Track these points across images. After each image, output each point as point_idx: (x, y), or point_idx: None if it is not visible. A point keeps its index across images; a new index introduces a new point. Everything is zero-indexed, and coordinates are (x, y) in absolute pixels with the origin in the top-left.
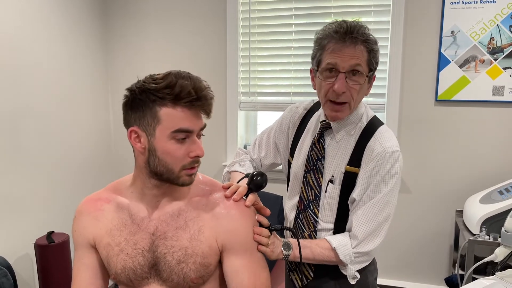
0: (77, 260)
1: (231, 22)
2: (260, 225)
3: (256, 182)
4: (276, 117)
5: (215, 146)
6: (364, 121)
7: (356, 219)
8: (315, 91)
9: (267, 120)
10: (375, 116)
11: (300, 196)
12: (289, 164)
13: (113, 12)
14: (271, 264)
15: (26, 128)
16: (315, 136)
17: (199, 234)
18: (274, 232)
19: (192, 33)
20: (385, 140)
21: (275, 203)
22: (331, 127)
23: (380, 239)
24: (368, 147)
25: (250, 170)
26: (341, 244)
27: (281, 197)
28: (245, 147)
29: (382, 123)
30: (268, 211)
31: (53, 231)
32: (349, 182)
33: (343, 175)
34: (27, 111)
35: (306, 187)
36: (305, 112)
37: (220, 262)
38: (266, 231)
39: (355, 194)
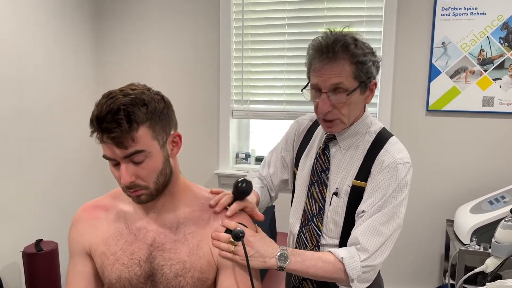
0: (72, 268)
1: (225, 30)
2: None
3: (241, 189)
4: (268, 125)
5: (207, 153)
6: (373, 134)
7: (363, 231)
8: (307, 100)
9: (259, 128)
10: (383, 128)
11: (304, 209)
12: (295, 175)
13: (105, 17)
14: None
15: (15, 133)
16: (320, 147)
17: (198, 249)
18: (263, 241)
19: (185, 40)
20: (396, 151)
21: (267, 212)
22: (336, 138)
23: (388, 251)
24: (378, 158)
25: (258, 185)
26: (349, 255)
27: (273, 206)
28: (237, 155)
29: (391, 135)
30: (261, 217)
31: (41, 239)
32: (356, 196)
33: (349, 188)
34: (16, 115)
35: (310, 200)
36: (311, 123)
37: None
38: (224, 236)
39: (364, 206)
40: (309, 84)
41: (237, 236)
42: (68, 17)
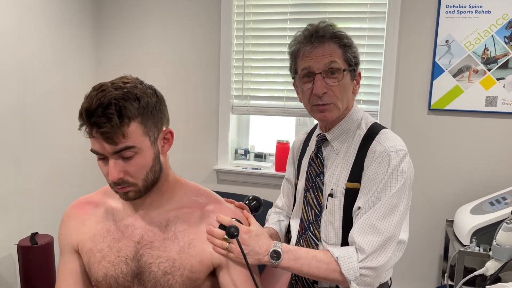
0: (62, 265)
1: (226, 25)
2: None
3: (252, 207)
4: (268, 122)
5: (206, 149)
6: (364, 128)
7: (359, 228)
8: (297, 95)
9: (259, 124)
10: (375, 122)
11: (301, 218)
12: (296, 188)
13: (105, 12)
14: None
15: (11, 126)
16: (313, 151)
17: (189, 248)
18: (258, 237)
19: (185, 35)
20: (387, 140)
21: (265, 208)
22: (328, 139)
23: (390, 252)
24: (369, 150)
25: (275, 220)
26: (345, 255)
27: (271, 203)
28: (236, 151)
29: (384, 127)
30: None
31: (36, 233)
32: (351, 198)
33: (344, 190)
34: (13, 108)
35: (306, 207)
36: (306, 135)
37: (209, 275)
38: (218, 232)
39: (359, 202)
40: (299, 73)
41: (232, 234)
42: (68, 13)
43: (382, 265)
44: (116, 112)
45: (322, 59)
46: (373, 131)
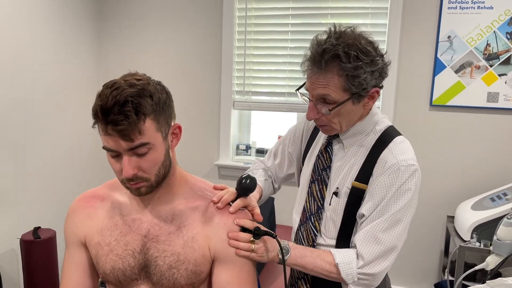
0: (68, 258)
1: (227, 20)
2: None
3: (244, 186)
4: (270, 117)
5: (208, 144)
6: (378, 132)
7: (362, 237)
8: (300, 101)
9: (260, 119)
10: (391, 126)
11: (304, 207)
12: (300, 172)
13: (107, 9)
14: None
15: (15, 121)
16: (323, 144)
17: (193, 242)
18: (268, 236)
19: (187, 31)
20: (400, 152)
21: (266, 203)
22: (339, 136)
23: (389, 262)
24: (380, 158)
25: (262, 178)
26: (345, 261)
27: (273, 198)
28: (237, 147)
29: (398, 134)
30: (260, 218)
31: (39, 227)
32: (355, 198)
33: (349, 190)
34: (16, 104)
35: (310, 198)
36: None
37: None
38: (244, 236)
39: (363, 209)
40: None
41: (265, 233)
42: (71, 11)
43: (380, 272)
44: (133, 109)
45: (316, 88)
46: (387, 136)
